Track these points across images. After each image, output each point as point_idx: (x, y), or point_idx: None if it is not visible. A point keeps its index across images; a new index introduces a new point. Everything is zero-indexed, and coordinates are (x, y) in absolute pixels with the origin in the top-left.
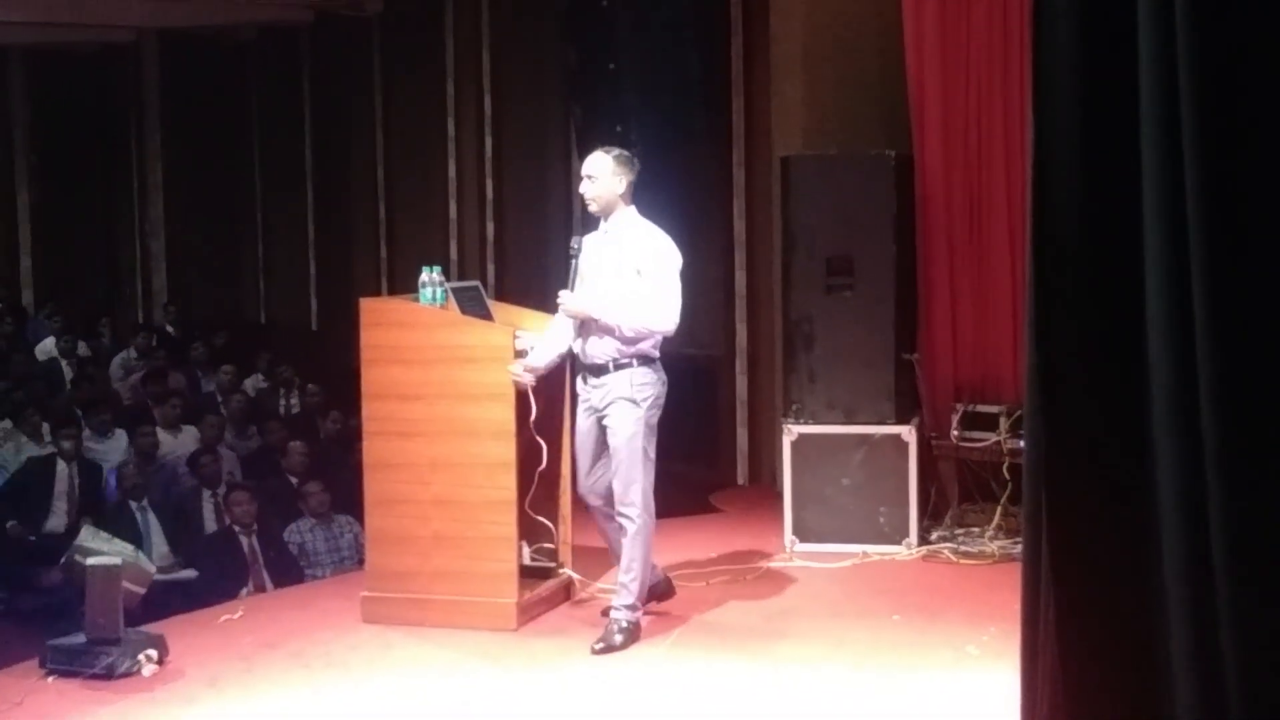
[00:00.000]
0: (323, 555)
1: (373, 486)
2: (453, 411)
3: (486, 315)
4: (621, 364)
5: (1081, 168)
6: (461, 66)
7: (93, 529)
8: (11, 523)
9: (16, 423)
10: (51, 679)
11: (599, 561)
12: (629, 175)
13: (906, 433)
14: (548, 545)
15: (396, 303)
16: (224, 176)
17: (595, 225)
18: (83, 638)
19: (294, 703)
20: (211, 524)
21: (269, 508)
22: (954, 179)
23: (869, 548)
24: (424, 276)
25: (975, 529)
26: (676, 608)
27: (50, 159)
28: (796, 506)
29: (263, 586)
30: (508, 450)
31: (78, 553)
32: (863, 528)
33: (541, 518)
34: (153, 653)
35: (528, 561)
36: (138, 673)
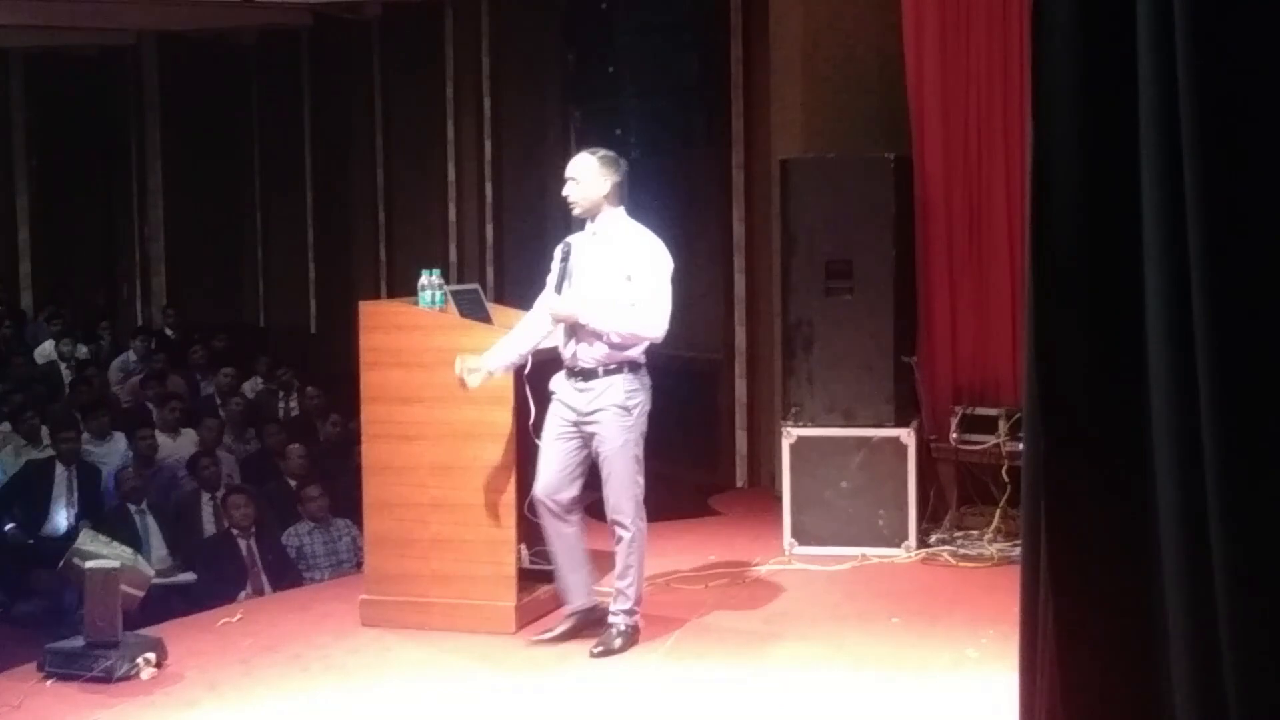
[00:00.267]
0: (321, 558)
1: (371, 490)
2: (452, 415)
3: (486, 318)
4: (611, 370)
5: (1081, 171)
6: (461, 69)
7: (91, 532)
8: (10, 526)
9: (15, 426)
10: (50, 682)
11: (598, 564)
12: (614, 176)
13: (905, 435)
14: (546, 548)
15: (396, 306)
16: (224, 180)
17: (581, 227)
18: (81, 641)
19: (293, 706)
20: (210, 527)
21: (268, 511)
22: (953, 181)
23: (868, 550)
24: (423, 279)
25: (974, 532)
26: (675, 611)
27: (50, 162)
28: (795, 509)
29: (261, 590)
30: (506, 453)
31: (76, 556)
32: (862, 530)
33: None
34: (151, 656)
35: (527, 564)
36: (136, 676)
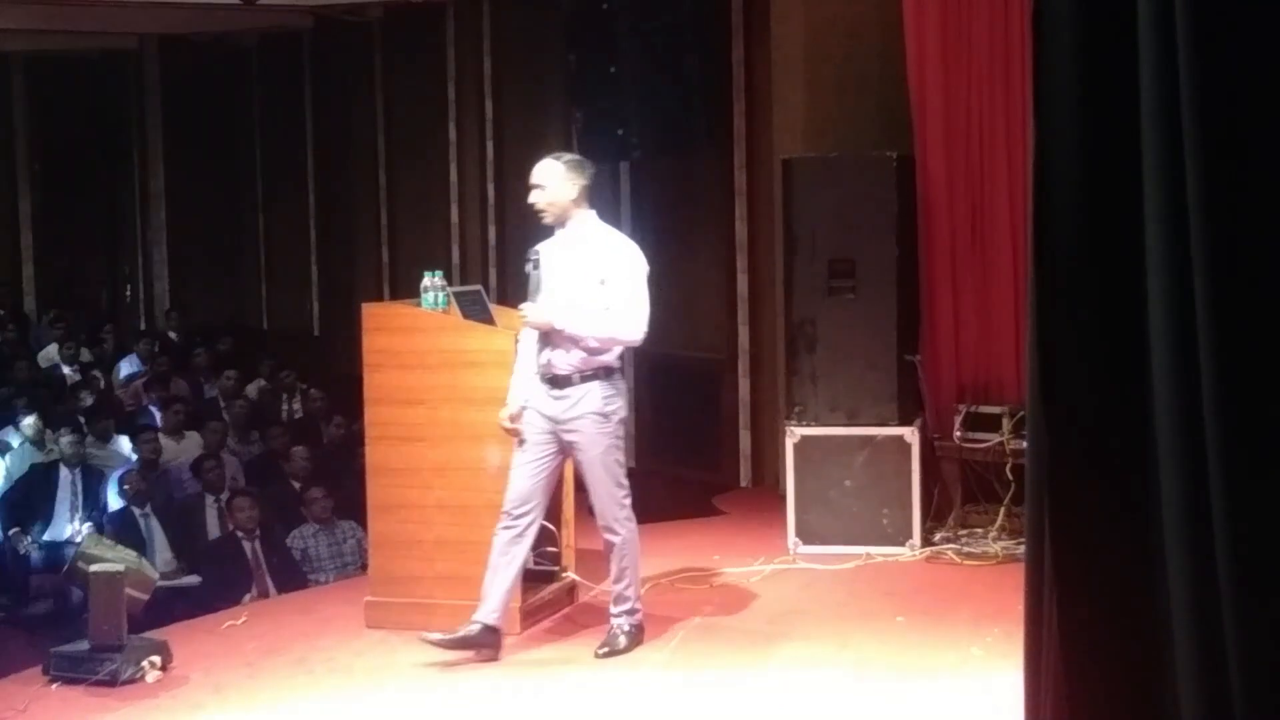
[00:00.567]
0: (326, 560)
1: (375, 491)
2: (455, 416)
3: (488, 319)
4: (587, 376)
5: (1083, 169)
6: (462, 71)
7: (96, 535)
8: (14, 530)
9: (19, 429)
10: (55, 686)
11: (603, 564)
12: (582, 180)
13: (909, 434)
14: (551, 549)
15: (398, 307)
16: (226, 182)
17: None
18: (86, 644)
19: (298, 708)
20: (215, 530)
21: (272, 513)
22: (955, 180)
23: (872, 549)
24: (426, 281)
25: (979, 530)
26: (679, 611)
27: (52, 165)
28: (799, 508)
29: (266, 592)
30: (510, 454)
31: (81, 559)
32: (866, 529)
33: (544, 521)
34: (156, 659)
35: (531, 565)
36: (141, 679)
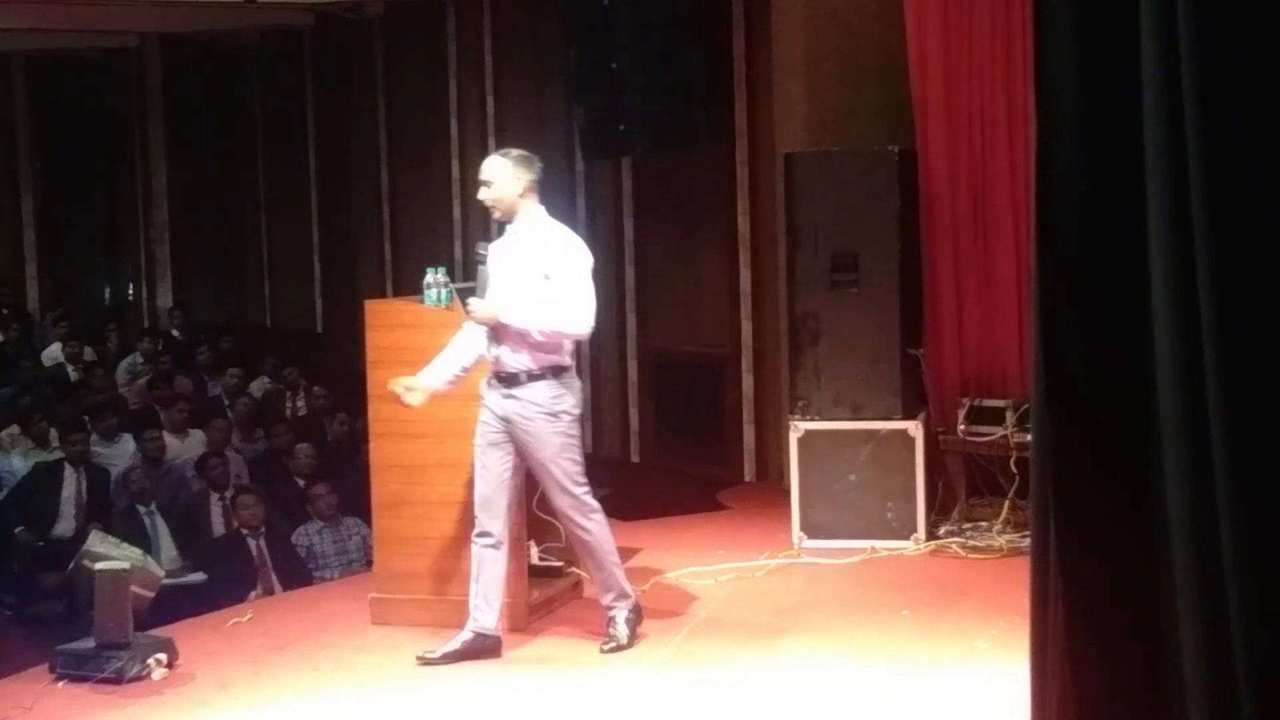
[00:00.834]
0: (331, 557)
1: (380, 488)
2: (459, 412)
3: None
4: (535, 375)
5: (1085, 162)
6: (463, 68)
7: (101, 534)
8: (20, 528)
9: (24, 428)
10: (61, 684)
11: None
12: (529, 175)
13: (913, 428)
14: (556, 544)
15: (401, 304)
16: (228, 180)
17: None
18: (92, 642)
19: (303, 705)
20: (219, 527)
21: (277, 510)
22: (958, 173)
23: (877, 543)
24: (429, 278)
25: (983, 523)
26: (685, 605)
27: (54, 165)
28: (804, 503)
29: (271, 589)
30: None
31: (86, 558)
32: (871, 523)
33: (549, 517)
34: (162, 656)
35: (536, 561)
36: (147, 676)
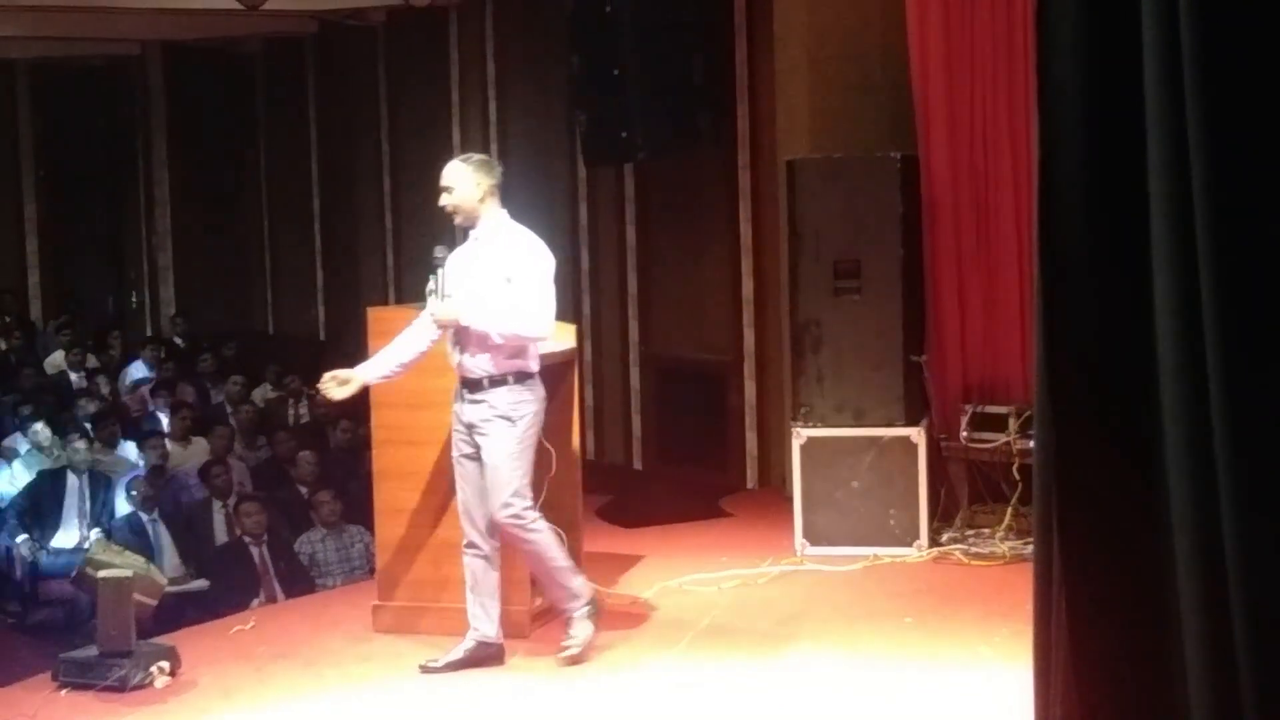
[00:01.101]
0: (333, 565)
1: (383, 495)
2: None
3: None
4: (497, 380)
5: (1087, 167)
6: (466, 74)
7: (104, 541)
8: (23, 536)
9: (26, 435)
10: (64, 692)
11: (611, 567)
12: (489, 179)
13: (916, 434)
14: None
15: (404, 311)
16: (230, 188)
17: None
18: (95, 650)
19: (306, 712)
20: (222, 535)
21: (280, 518)
22: (960, 179)
23: (880, 550)
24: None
25: (986, 530)
26: (688, 613)
27: (57, 172)
28: (807, 510)
29: (274, 597)
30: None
31: (89, 565)
32: (873, 530)
33: (552, 524)
34: (165, 664)
35: None
36: (150, 684)
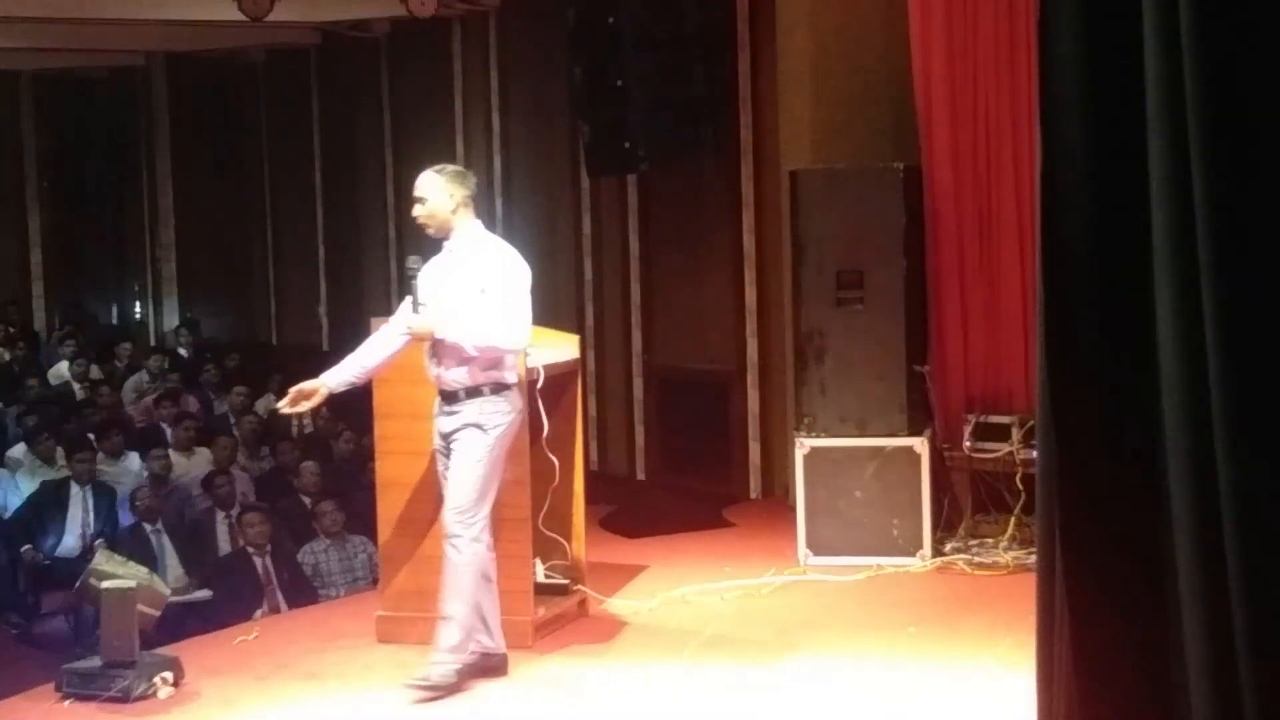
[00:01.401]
0: (337, 575)
1: (386, 505)
2: None
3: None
4: (472, 391)
5: (1089, 177)
6: (469, 86)
7: (107, 552)
8: (26, 547)
9: (31, 447)
10: (68, 703)
11: (613, 578)
12: (462, 191)
13: (919, 444)
14: (561, 562)
15: None
16: (234, 198)
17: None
18: (98, 661)
19: None
20: (225, 545)
21: (283, 528)
22: (963, 190)
23: (883, 560)
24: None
25: (989, 540)
26: (691, 623)
27: (61, 184)
28: (810, 520)
29: (277, 607)
30: (520, 467)
31: (93, 576)
32: (876, 540)
33: (555, 535)
34: (168, 675)
35: (541, 579)
36: (153, 695)
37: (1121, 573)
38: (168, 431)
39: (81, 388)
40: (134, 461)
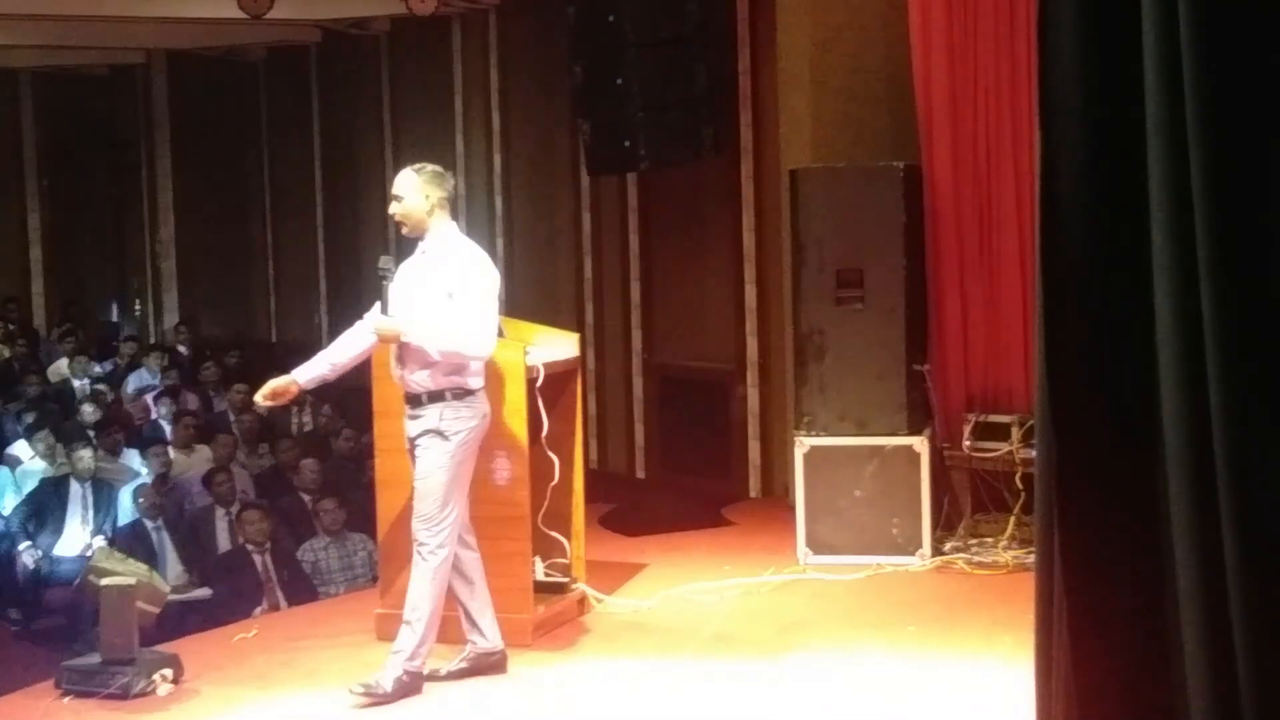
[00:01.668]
0: (336, 573)
1: (385, 503)
2: None
3: (497, 331)
4: (434, 396)
5: (1089, 177)
6: (469, 83)
7: (107, 549)
8: (26, 544)
9: (30, 444)
10: (67, 699)
11: (613, 576)
12: (440, 191)
13: (919, 444)
14: (561, 560)
15: None
16: (234, 196)
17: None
18: (98, 658)
19: None
20: (225, 543)
21: (282, 526)
22: (963, 189)
23: (882, 559)
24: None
25: (989, 539)
26: (690, 622)
27: (61, 181)
28: (809, 519)
29: (277, 605)
30: (520, 466)
31: (92, 573)
32: (876, 539)
33: (554, 533)
34: (168, 672)
35: (541, 577)
36: (153, 692)
37: (1119, 571)
38: (167, 429)
39: (81, 385)
40: (134, 459)
